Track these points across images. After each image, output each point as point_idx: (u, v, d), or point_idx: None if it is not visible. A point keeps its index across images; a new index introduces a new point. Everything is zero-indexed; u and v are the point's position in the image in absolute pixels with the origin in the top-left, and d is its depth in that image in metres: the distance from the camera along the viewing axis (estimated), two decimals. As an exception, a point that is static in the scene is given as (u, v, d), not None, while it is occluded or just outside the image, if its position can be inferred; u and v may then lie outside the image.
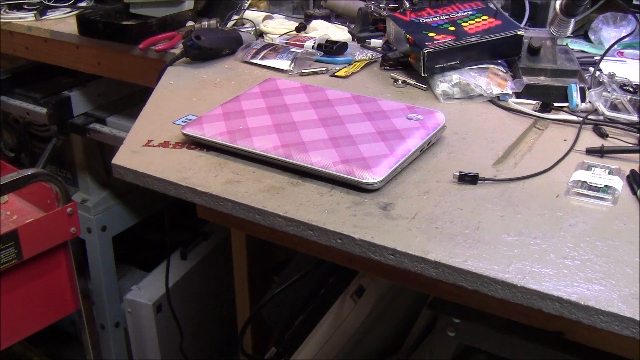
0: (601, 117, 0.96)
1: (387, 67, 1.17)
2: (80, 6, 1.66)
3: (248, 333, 1.54)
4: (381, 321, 1.31)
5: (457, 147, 0.89)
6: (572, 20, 1.04)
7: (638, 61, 1.14)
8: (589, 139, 0.92)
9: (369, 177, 0.76)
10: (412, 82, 1.10)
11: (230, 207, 0.77)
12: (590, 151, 0.87)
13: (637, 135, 0.91)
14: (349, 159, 0.79)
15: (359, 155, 0.80)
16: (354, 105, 0.93)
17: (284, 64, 1.18)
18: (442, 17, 1.13)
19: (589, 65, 1.11)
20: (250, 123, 0.90)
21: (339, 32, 1.32)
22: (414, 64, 1.09)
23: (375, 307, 1.29)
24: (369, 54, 1.23)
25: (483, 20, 1.10)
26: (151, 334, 1.79)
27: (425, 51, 1.03)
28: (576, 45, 1.23)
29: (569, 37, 1.15)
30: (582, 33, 1.27)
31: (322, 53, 1.23)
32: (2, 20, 1.59)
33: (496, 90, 1.02)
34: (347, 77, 1.15)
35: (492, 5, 1.16)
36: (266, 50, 1.23)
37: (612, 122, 0.95)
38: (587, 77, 1.04)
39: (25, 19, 1.60)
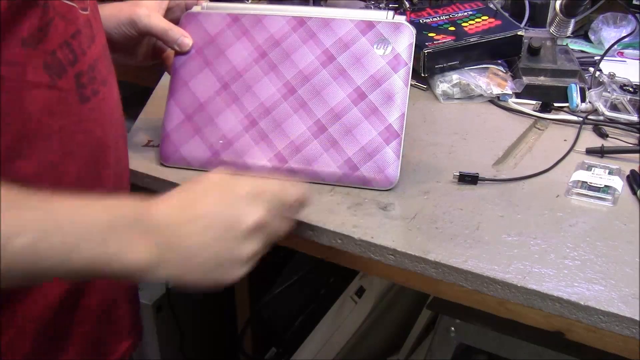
0: (601, 117, 0.96)
1: (387, 67, 1.17)
2: (80, 6, 1.66)
3: (248, 333, 1.53)
4: (381, 321, 1.31)
5: (457, 147, 0.89)
6: (572, 20, 1.04)
7: (638, 61, 1.14)
8: (589, 139, 0.92)
9: (386, 184, 0.77)
10: (412, 82, 1.09)
11: (230, 207, 0.77)
12: (590, 151, 0.87)
13: (637, 135, 0.91)
14: (355, 162, 0.77)
15: (358, 147, 0.77)
16: (309, 44, 0.82)
17: (284, 64, 1.18)
18: (442, 17, 1.13)
19: (589, 66, 1.11)
20: (223, 127, 0.81)
21: (339, 32, 1.32)
22: (413, 64, 1.09)
23: (375, 307, 1.29)
24: (369, 54, 1.22)
25: (483, 20, 1.10)
26: (151, 334, 1.78)
27: (425, 51, 1.03)
28: (576, 45, 1.23)
29: (569, 37, 1.15)
30: (582, 33, 1.27)
31: (322, 53, 1.22)
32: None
33: (496, 91, 1.02)
34: (347, 77, 1.14)
35: (492, 5, 1.16)
36: (266, 50, 1.23)
37: (612, 122, 0.95)
38: (587, 77, 1.04)
39: (25, 19, 1.60)
